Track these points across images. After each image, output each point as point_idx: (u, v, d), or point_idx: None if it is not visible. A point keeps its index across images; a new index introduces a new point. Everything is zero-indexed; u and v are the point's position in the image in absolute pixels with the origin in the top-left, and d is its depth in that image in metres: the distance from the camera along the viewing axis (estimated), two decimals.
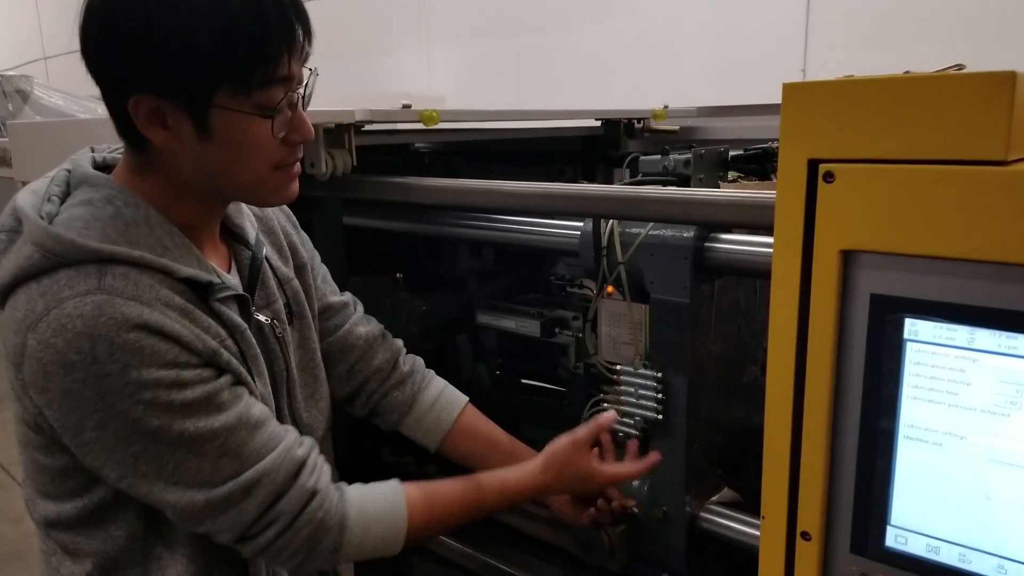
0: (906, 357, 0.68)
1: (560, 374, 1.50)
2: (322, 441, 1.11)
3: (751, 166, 1.30)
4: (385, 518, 1.01)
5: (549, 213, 1.34)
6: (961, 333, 0.65)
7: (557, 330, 1.46)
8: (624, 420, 1.23)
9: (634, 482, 1.26)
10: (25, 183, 0.96)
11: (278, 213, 1.16)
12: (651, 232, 1.17)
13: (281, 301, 1.08)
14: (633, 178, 1.35)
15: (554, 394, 1.53)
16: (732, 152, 1.31)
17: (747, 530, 1.18)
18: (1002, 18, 1.76)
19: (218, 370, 0.90)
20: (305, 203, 1.21)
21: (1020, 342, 0.63)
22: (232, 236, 1.05)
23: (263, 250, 1.07)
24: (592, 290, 1.30)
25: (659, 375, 1.19)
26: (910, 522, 0.70)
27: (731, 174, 1.30)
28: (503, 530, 1.43)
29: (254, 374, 0.97)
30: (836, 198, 0.68)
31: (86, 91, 0.90)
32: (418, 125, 1.41)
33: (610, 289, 1.25)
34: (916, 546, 0.70)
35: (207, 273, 0.92)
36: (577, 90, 2.59)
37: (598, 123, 2.04)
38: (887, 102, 0.64)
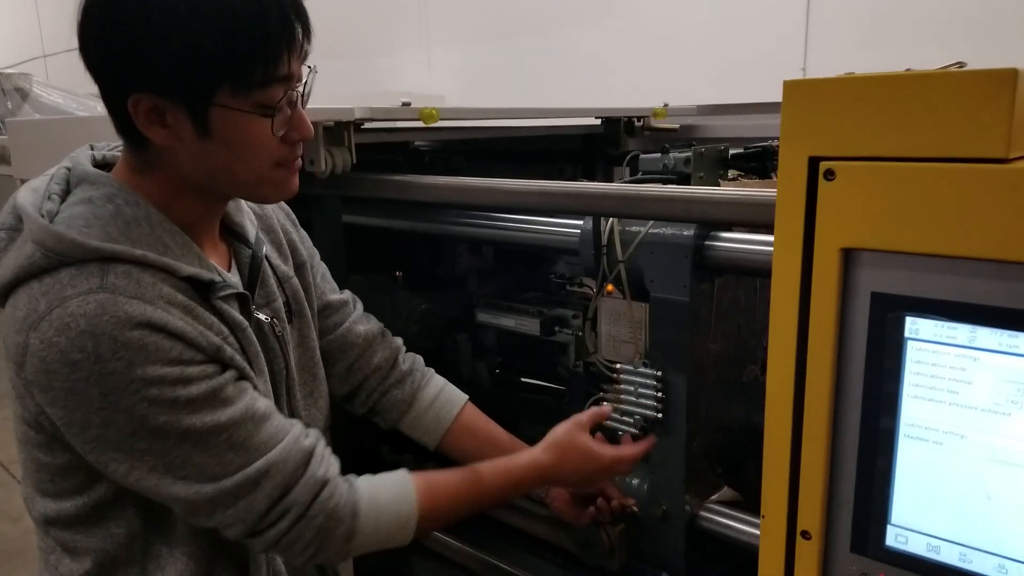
0: (907, 356, 0.68)
1: (560, 373, 1.50)
2: None
3: (751, 164, 1.30)
4: (396, 505, 1.01)
5: (549, 211, 1.34)
6: (962, 331, 0.65)
7: (557, 329, 1.46)
8: (624, 419, 1.23)
9: (633, 481, 1.26)
10: (24, 181, 0.95)
11: (277, 211, 1.16)
12: (651, 230, 1.17)
13: (281, 300, 1.08)
14: (633, 176, 1.35)
15: (554, 393, 1.53)
16: (732, 150, 1.30)
17: (747, 529, 1.18)
18: (1003, 18, 1.76)
19: (222, 366, 0.90)
20: (304, 201, 1.21)
21: (1021, 340, 0.62)
22: (232, 234, 1.05)
23: (263, 248, 1.07)
24: (592, 288, 1.30)
25: (659, 374, 1.19)
26: (911, 521, 0.70)
27: (731, 172, 1.30)
28: (503, 529, 1.43)
29: (255, 372, 0.97)
30: (837, 196, 0.67)
31: (85, 89, 0.90)
32: (418, 123, 1.41)
33: (610, 287, 1.25)
34: (916, 545, 0.70)
35: (208, 271, 0.92)
36: (577, 88, 2.59)
37: (598, 121, 2.03)
38: (888, 100, 0.64)
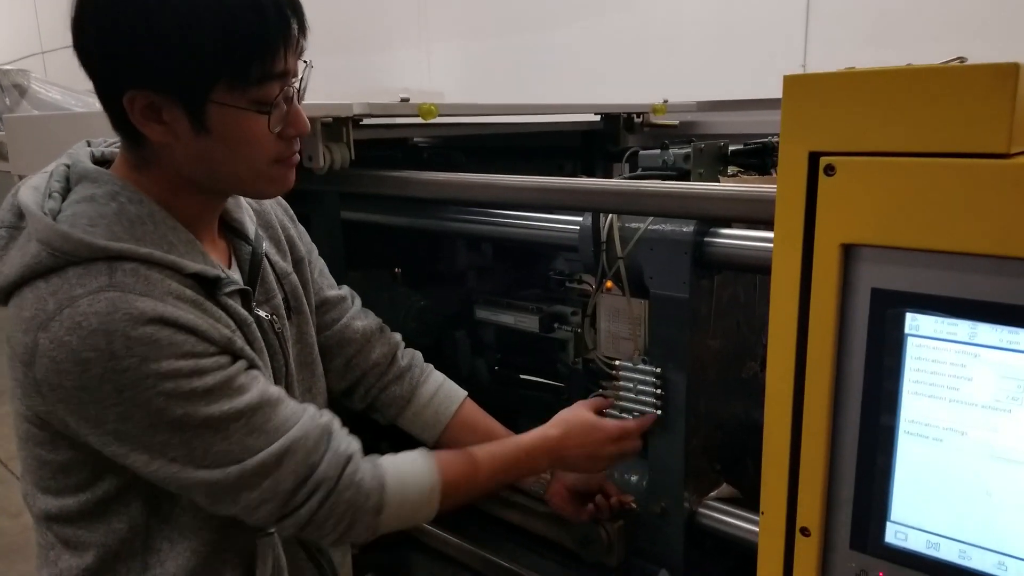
0: (907, 352, 0.67)
1: (559, 369, 1.50)
2: None
3: (751, 161, 1.29)
4: (419, 477, 1.03)
5: (548, 207, 1.34)
6: (962, 328, 0.65)
7: (556, 325, 1.45)
8: (623, 416, 1.23)
9: (632, 477, 1.26)
10: (21, 177, 0.95)
11: (275, 207, 1.16)
12: (650, 227, 1.17)
13: (280, 296, 1.07)
14: (633, 173, 1.35)
15: (553, 390, 1.53)
16: (732, 147, 1.30)
17: (746, 526, 1.18)
18: (1004, 15, 1.75)
19: (233, 356, 0.90)
20: (303, 197, 1.20)
21: (1022, 337, 0.62)
22: (231, 231, 1.05)
23: (263, 245, 1.07)
24: (591, 285, 1.30)
25: (658, 371, 1.19)
26: (910, 518, 0.70)
27: (731, 169, 1.30)
28: (502, 526, 1.43)
29: (259, 367, 0.97)
30: (837, 191, 0.67)
31: (83, 86, 0.90)
32: (416, 119, 1.41)
33: (609, 284, 1.24)
34: (916, 542, 0.70)
35: (213, 268, 0.93)
36: (577, 84, 2.58)
37: (597, 118, 2.03)
38: (889, 94, 0.64)
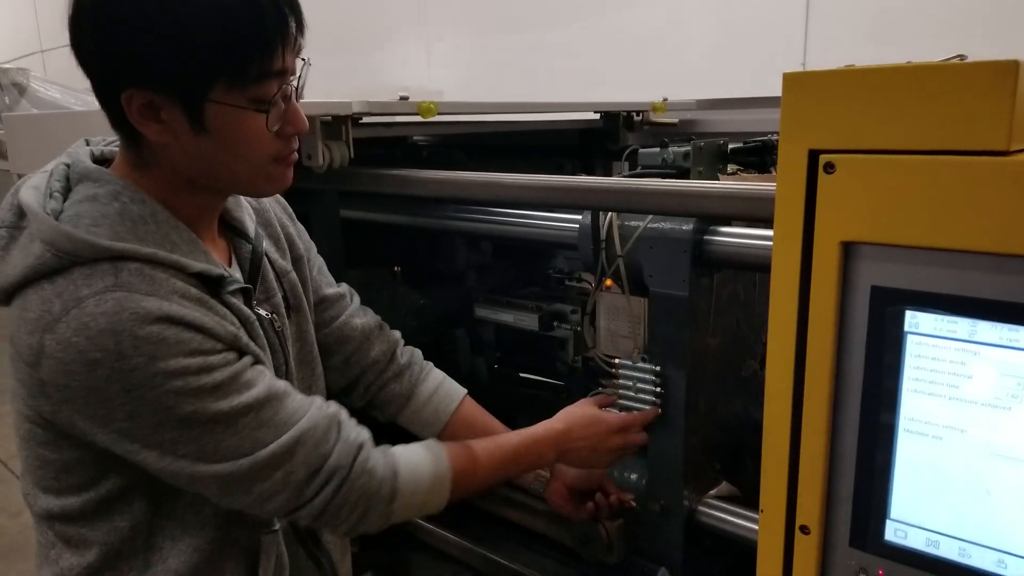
0: (907, 350, 0.67)
1: (558, 368, 1.50)
2: None
3: (751, 159, 1.29)
4: (431, 465, 1.04)
5: (548, 206, 1.34)
6: (962, 326, 0.65)
7: (555, 324, 1.45)
8: (623, 414, 1.23)
9: (632, 476, 1.26)
10: (20, 176, 0.95)
11: (274, 205, 1.16)
12: (650, 225, 1.17)
13: (279, 295, 1.07)
14: (632, 171, 1.35)
15: (552, 388, 1.53)
16: (731, 145, 1.30)
17: (745, 524, 1.18)
18: (1004, 13, 1.75)
19: (239, 352, 0.91)
20: (302, 195, 1.20)
21: (1022, 335, 0.62)
22: (230, 229, 1.05)
23: (263, 243, 1.07)
24: (591, 283, 1.30)
25: (658, 369, 1.19)
26: (910, 516, 0.70)
27: (730, 167, 1.30)
28: (502, 524, 1.43)
29: (264, 363, 0.97)
30: (837, 189, 0.67)
31: (83, 84, 0.90)
32: (416, 117, 1.40)
33: (609, 282, 1.24)
34: (916, 540, 0.70)
35: (216, 267, 0.93)
36: (576, 83, 2.58)
37: (597, 116, 2.03)
38: (888, 92, 0.63)
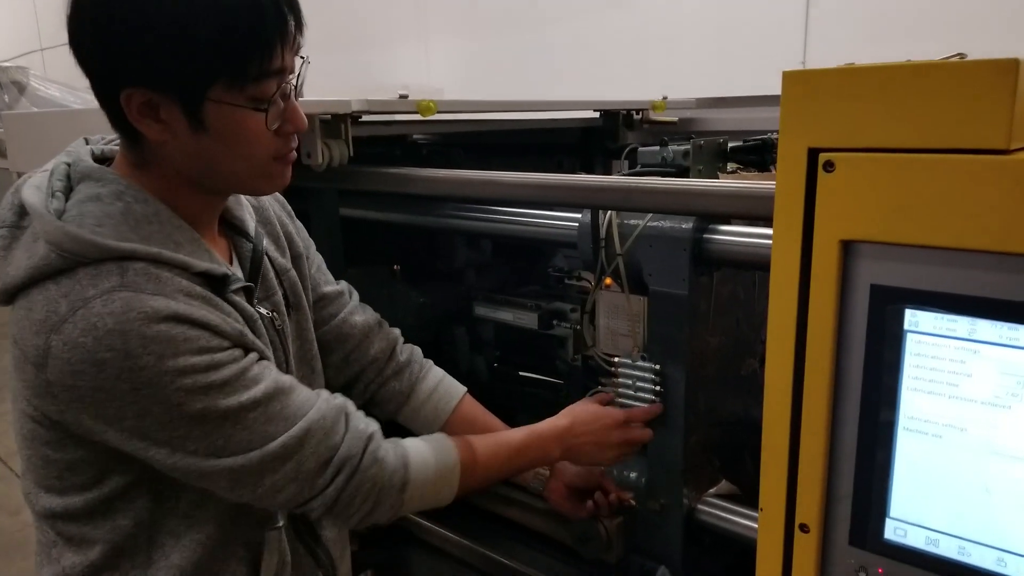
0: (906, 348, 0.67)
1: (558, 366, 1.50)
2: None
3: (750, 157, 1.29)
4: (440, 455, 1.05)
5: (547, 204, 1.34)
6: (962, 324, 0.65)
7: (555, 322, 1.45)
8: (624, 409, 1.23)
9: (631, 474, 1.26)
10: (20, 174, 0.95)
11: (273, 203, 1.16)
12: (650, 224, 1.17)
13: (280, 293, 1.08)
14: (632, 169, 1.35)
15: (552, 386, 1.53)
16: (731, 143, 1.30)
17: (745, 522, 1.18)
18: (1004, 12, 1.75)
19: (245, 349, 0.91)
20: (301, 194, 1.20)
21: (1021, 333, 0.62)
22: (231, 228, 1.05)
23: (263, 242, 1.07)
24: (590, 282, 1.29)
25: (657, 367, 1.19)
26: (909, 514, 0.70)
27: (730, 165, 1.30)
28: (501, 522, 1.43)
29: (269, 359, 0.98)
30: (836, 187, 0.67)
31: (83, 83, 0.89)
32: (415, 116, 1.40)
33: (608, 281, 1.24)
34: (915, 539, 0.70)
35: (220, 266, 0.93)
36: (576, 81, 2.58)
37: (597, 114, 2.03)
38: (888, 90, 0.63)
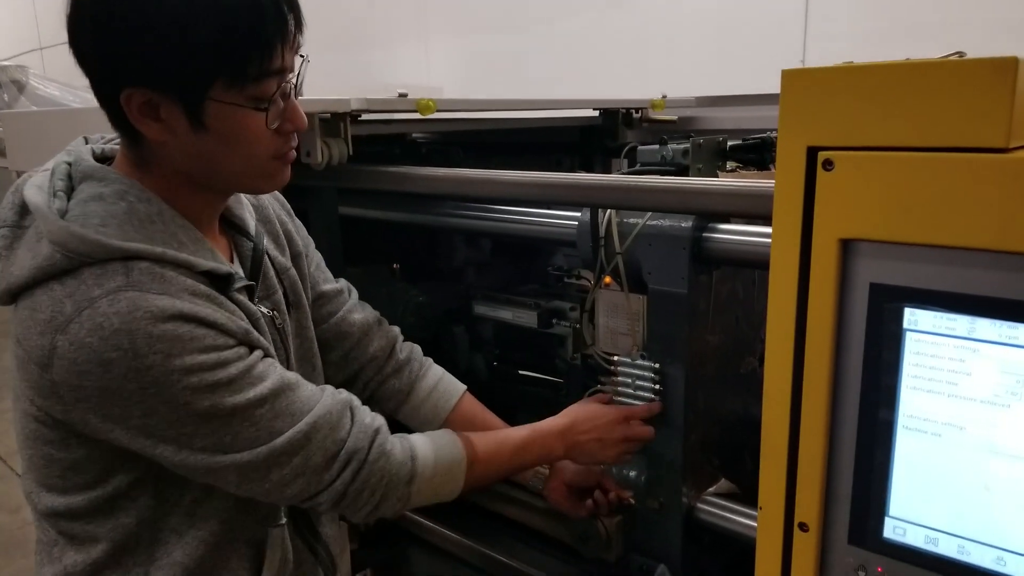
0: (905, 347, 0.67)
1: (557, 365, 1.50)
2: None
3: (750, 156, 1.29)
4: (446, 449, 1.06)
5: (546, 203, 1.34)
6: (961, 323, 0.65)
7: (554, 321, 1.45)
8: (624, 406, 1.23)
9: (631, 473, 1.26)
10: (19, 173, 0.95)
11: (272, 201, 1.16)
12: (649, 222, 1.17)
13: (280, 292, 1.08)
14: (631, 168, 1.35)
15: (551, 385, 1.53)
16: (731, 142, 1.30)
17: (744, 521, 1.18)
18: (1003, 10, 1.75)
19: (251, 347, 0.92)
20: (300, 193, 1.20)
21: (1021, 332, 0.62)
22: (231, 227, 1.05)
23: (263, 241, 1.07)
24: (590, 281, 1.29)
25: (656, 366, 1.19)
26: (909, 513, 0.70)
27: (730, 164, 1.29)
28: (500, 521, 1.43)
29: (274, 356, 0.98)
30: (835, 186, 0.67)
31: (82, 82, 0.89)
32: (415, 115, 1.40)
33: (608, 280, 1.24)
34: (915, 537, 0.70)
35: (223, 265, 0.93)
36: (575, 80, 2.58)
37: (596, 113, 2.02)
38: (887, 89, 0.63)
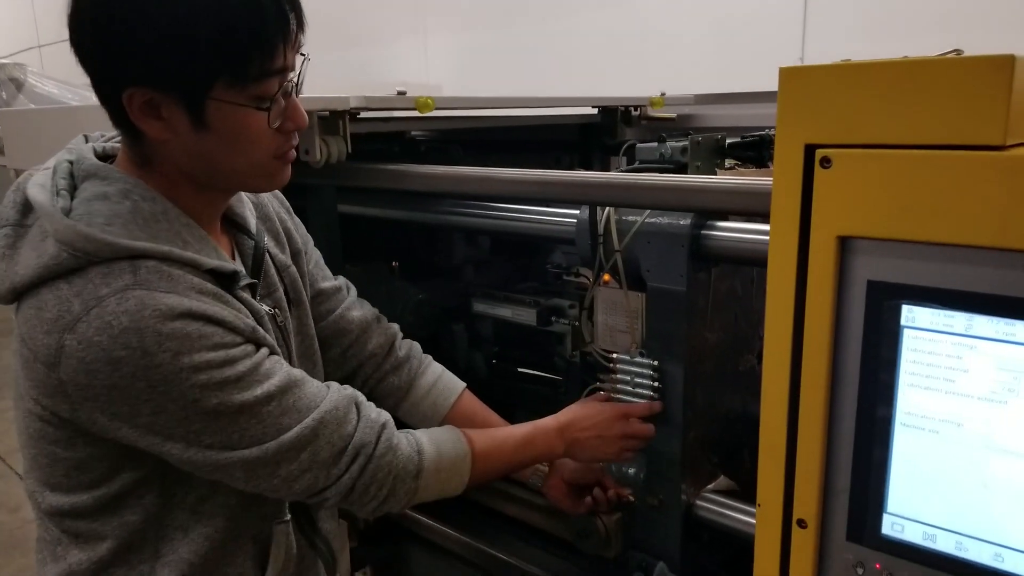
0: (903, 344, 0.67)
1: (556, 363, 1.50)
2: None
3: (748, 153, 1.29)
4: (451, 444, 1.07)
5: (545, 200, 1.34)
6: (959, 320, 0.65)
7: (553, 318, 1.45)
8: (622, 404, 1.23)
9: (630, 470, 1.26)
10: (18, 172, 0.95)
11: (272, 199, 1.16)
12: (648, 220, 1.17)
13: (281, 289, 1.08)
14: (630, 165, 1.35)
15: (550, 383, 1.53)
16: (729, 139, 1.30)
17: (743, 518, 1.18)
18: (1001, 8, 1.75)
19: (257, 344, 0.92)
20: (299, 191, 1.20)
21: (1018, 329, 0.62)
22: (232, 225, 1.05)
23: (264, 239, 1.07)
24: (588, 278, 1.30)
25: (655, 363, 1.19)
26: (907, 510, 0.70)
27: (728, 161, 1.30)
28: (500, 518, 1.43)
29: (279, 353, 0.99)
30: (833, 183, 0.67)
31: (80, 80, 0.89)
32: (413, 113, 1.40)
33: (607, 277, 1.24)
34: (913, 534, 0.70)
35: (228, 264, 0.93)
36: (574, 78, 2.57)
37: (595, 111, 2.03)
38: (885, 86, 0.63)
